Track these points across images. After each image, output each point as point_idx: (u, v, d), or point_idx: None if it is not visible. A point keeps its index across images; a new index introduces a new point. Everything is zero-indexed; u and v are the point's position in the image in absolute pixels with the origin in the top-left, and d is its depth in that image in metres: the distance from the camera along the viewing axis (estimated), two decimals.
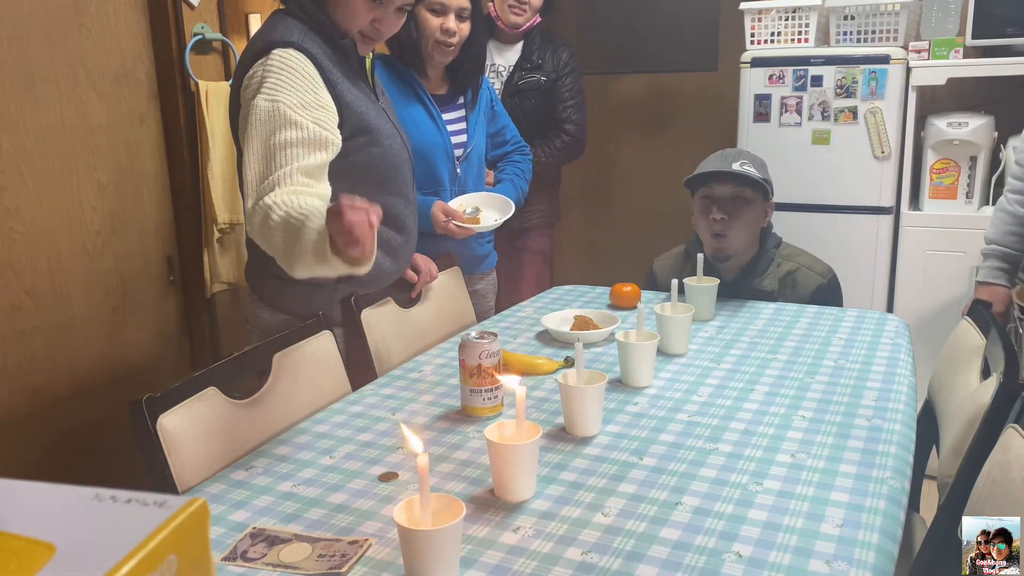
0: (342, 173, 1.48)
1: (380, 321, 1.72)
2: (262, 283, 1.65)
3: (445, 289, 1.97)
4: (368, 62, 1.63)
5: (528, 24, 2.66)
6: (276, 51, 1.43)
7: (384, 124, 1.59)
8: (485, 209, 2.05)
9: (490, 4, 2.66)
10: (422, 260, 1.84)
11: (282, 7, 1.56)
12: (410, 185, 1.70)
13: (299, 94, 1.42)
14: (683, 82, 3.61)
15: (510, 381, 1.11)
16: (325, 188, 1.42)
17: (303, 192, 1.32)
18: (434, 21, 1.92)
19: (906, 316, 2.57)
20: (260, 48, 1.46)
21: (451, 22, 1.92)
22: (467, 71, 2.05)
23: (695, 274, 1.83)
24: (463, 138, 2.08)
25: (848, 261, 2.67)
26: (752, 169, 1.97)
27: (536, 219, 2.78)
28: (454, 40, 1.95)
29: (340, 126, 1.48)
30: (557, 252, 3.96)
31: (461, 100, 2.09)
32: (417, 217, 1.75)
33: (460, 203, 2.03)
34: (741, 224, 1.94)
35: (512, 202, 2.06)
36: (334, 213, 1.16)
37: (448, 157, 2.04)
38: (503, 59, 2.72)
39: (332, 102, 1.47)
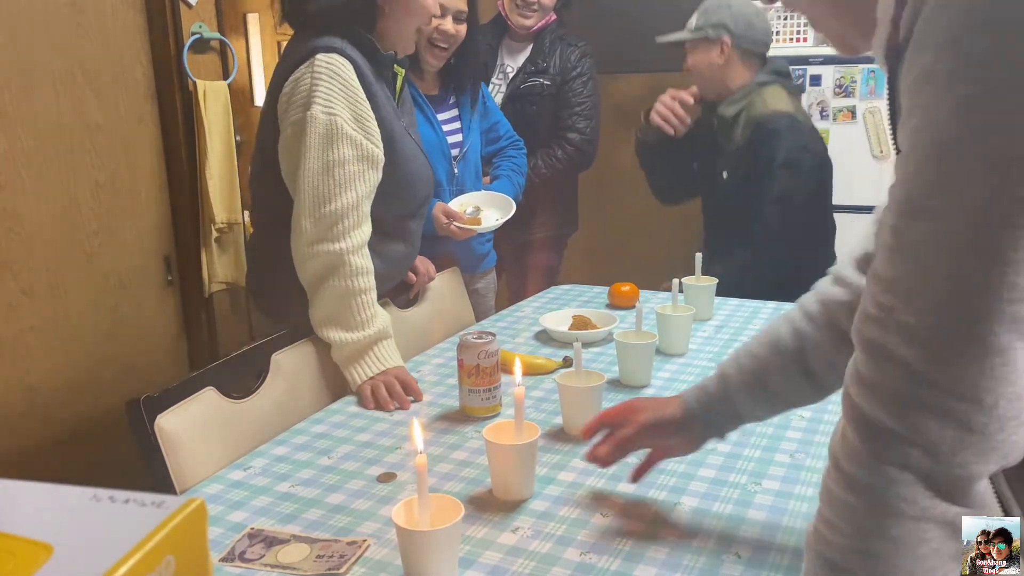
0: None
1: None
2: (264, 295, 1.66)
3: (443, 290, 1.96)
4: (399, 80, 1.62)
5: (540, 24, 2.49)
6: (321, 55, 1.42)
7: (406, 144, 1.57)
8: (486, 208, 2.04)
9: (500, 3, 2.52)
10: (420, 261, 1.84)
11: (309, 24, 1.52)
12: (425, 203, 1.70)
13: (351, 106, 1.43)
14: (683, 82, 3.61)
15: (517, 373, 1.11)
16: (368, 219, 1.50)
17: (366, 251, 1.47)
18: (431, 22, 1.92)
19: None
20: (304, 53, 1.44)
21: (448, 24, 1.92)
22: (463, 73, 2.05)
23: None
24: (459, 137, 2.08)
25: None
26: (694, 20, 2.19)
27: (539, 233, 2.62)
28: (450, 42, 1.95)
29: None
30: None
31: (454, 99, 2.09)
32: (422, 224, 1.75)
33: (460, 203, 2.03)
34: (696, 73, 2.20)
35: (512, 200, 2.06)
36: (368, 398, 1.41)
37: (445, 157, 2.04)
38: (513, 60, 2.56)
39: (372, 113, 1.47)
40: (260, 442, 1.28)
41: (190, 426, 1.21)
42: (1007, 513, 0.64)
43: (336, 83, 1.42)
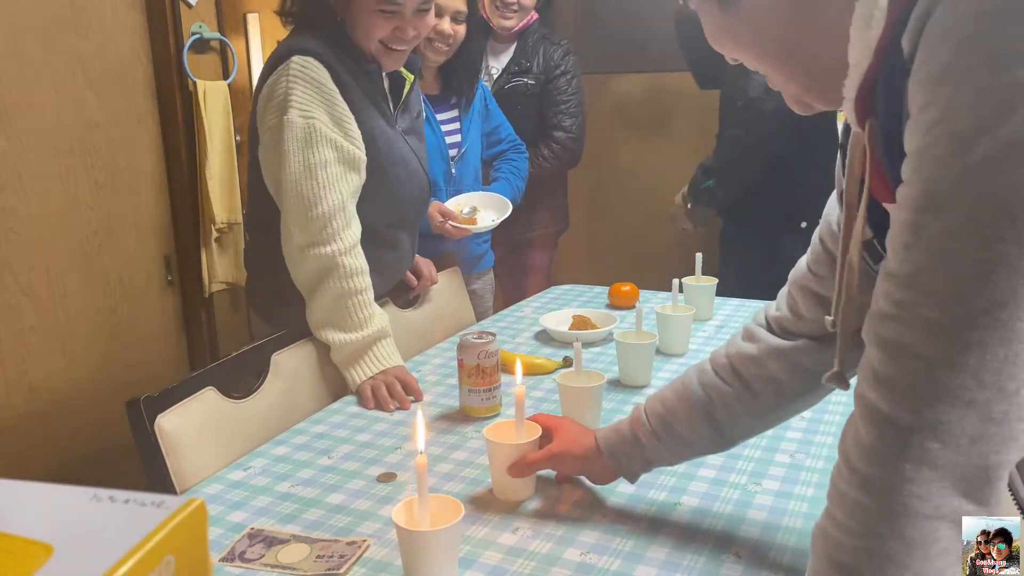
0: None
1: None
2: (261, 298, 1.66)
3: (443, 290, 1.96)
4: (407, 86, 1.61)
5: (522, 24, 2.49)
6: (296, 58, 1.42)
7: (395, 149, 1.55)
8: (483, 209, 2.04)
9: (480, 5, 2.47)
10: (424, 264, 1.83)
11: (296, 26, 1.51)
12: (418, 212, 1.69)
13: (329, 109, 1.42)
14: (683, 82, 3.60)
15: (517, 373, 1.12)
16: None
17: (359, 251, 1.46)
18: None
19: None
20: (281, 53, 1.44)
21: (445, 24, 1.92)
22: (462, 74, 2.04)
23: None
24: (457, 138, 2.07)
25: None
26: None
27: (529, 232, 2.62)
28: (448, 42, 1.94)
29: None
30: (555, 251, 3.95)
31: (454, 100, 2.09)
32: (416, 233, 1.74)
33: (457, 203, 2.03)
34: None
35: (510, 202, 2.06)
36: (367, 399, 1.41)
37: (443, 158, 2.04)
38: (497, 61, 2.56)
39: (351, 114, 1.46)
40: (260, 442, 1.28)
41: (190, 426, 1.21)
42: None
43: (312, 86, 1.41)
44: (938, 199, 0.56)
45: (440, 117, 2.04)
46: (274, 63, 1.45)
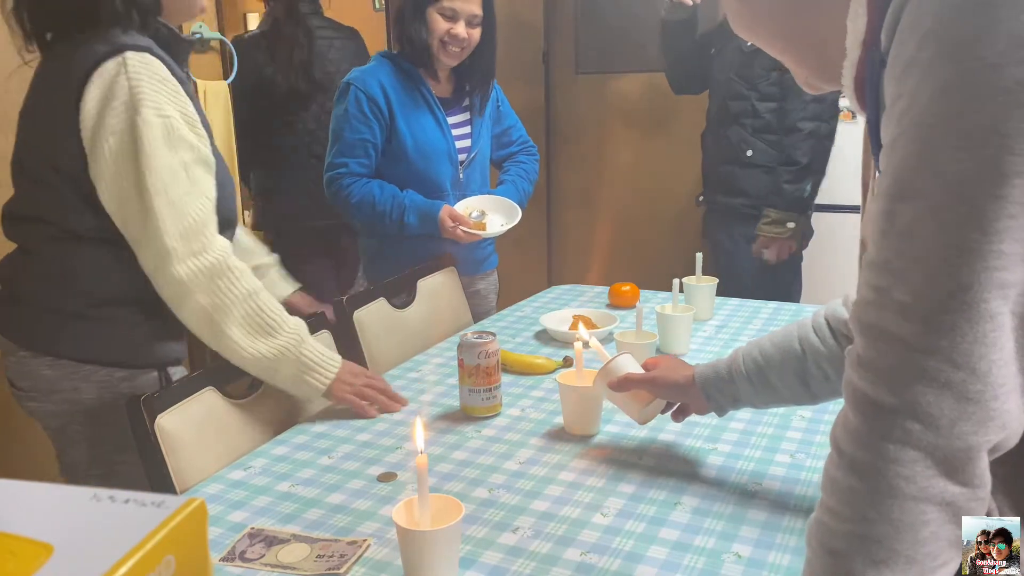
0: None
1: (372, 322, 1.73)
2: (37, 327, 1.32)
3: (439, 289, 1.97)
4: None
5: None
6: (130, 54, 1.22)
7: (223, 168, 1.39)
8: (491, 213, 2.04)
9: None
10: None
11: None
12: (229, 224, 1.46)
13: (179, 107, 1.26)
14: None
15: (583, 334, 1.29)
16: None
17: (245, 267, 1.29)
18: (443, 25, 1.91)
19: None
20: (103, 53, 1.22)
21: (460, 28, 1.91)
22: (476, 77, 2.04)
23: None
24: (467, 143, 2.07)
25: (850, 260, 2.67)
26: None
27: None
28: (462, 45, 1.94)
29: None
30: (555, 252, 3.96)
31: (466, 103, 2.08)
32: None
33: (466, 206, 2.02)
34: None
35: (518, 207, 2.06)
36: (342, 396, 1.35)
37: (452, 162, 2.03)
38: None
39: (198, 114, 1.31)
40: (260, 442, 1.28)
41: (190, 426, 1.21)
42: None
43: (156, 81, 1.23)
44: (907, 187, 0.60)
45: (451, 120, 2.03)
46: (93, 63, 1.22)
